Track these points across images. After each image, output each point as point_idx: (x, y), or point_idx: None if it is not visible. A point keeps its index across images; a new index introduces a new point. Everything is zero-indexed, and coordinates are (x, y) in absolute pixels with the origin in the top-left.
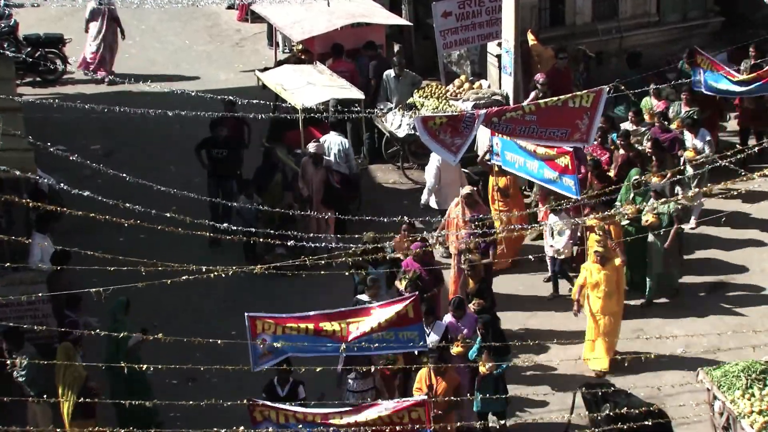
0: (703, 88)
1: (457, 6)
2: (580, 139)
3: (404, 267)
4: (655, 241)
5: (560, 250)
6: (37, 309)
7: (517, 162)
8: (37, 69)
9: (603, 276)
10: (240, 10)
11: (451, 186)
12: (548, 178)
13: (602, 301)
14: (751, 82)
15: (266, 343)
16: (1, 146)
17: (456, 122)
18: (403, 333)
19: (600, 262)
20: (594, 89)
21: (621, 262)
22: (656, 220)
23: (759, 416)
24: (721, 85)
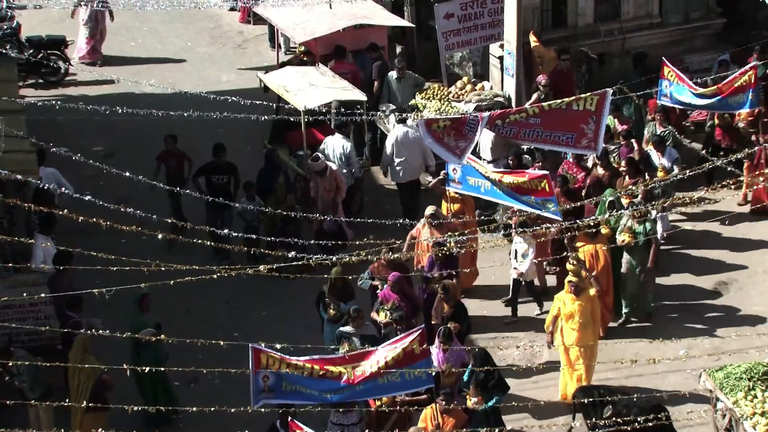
0: (669, 102)
1: (460, 7)
2: (588, 146)
3: (381, 297)
4: (630, 260)
5: (524, 273)
6: (39, 311)
7: (482, 186)
8: (40, 71)
9: (577, 307)
10: (242, 11)
11: (405, 163)
12: (524, 201)
13: (577, 332)
14: (712, 96)
15: (268, 380)
16: (4, 148)
17: (459, 125)
18: (409, 372)
19: (574, 293)
20: (598, 92)
21: (596, 292)
22: (632, 239)
23: (762, 418)
24: (684, 97)
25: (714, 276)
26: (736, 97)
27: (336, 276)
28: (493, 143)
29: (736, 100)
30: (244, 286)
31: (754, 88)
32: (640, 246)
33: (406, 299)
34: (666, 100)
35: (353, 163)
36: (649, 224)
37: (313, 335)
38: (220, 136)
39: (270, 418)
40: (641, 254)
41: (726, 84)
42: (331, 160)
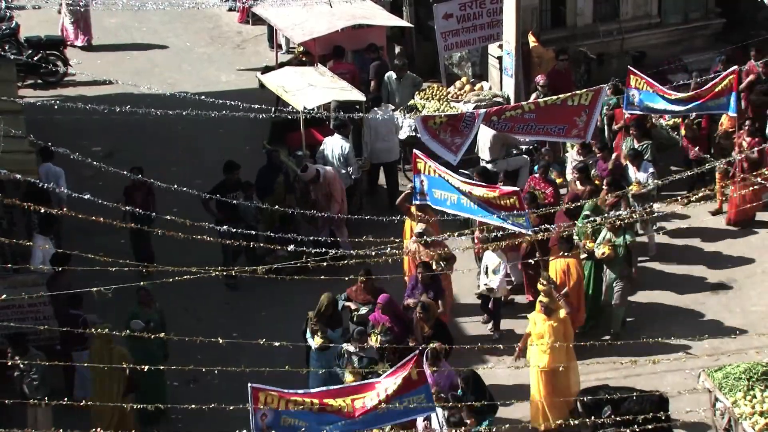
0: (638, 110)
1: (458, 8)
2: (578, 135)
3: (372, 321)
4: (610, 273)
5: (494, 289)
6: (38, 311)
7: (449, 199)
8: (39, 71)
9: (548, 327)
10: (241, 12)
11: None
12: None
13: (548, 355)
14: (690, 101)
15: (266, 418)
16: (3, 148)
17: (456, 121)
18: (409, 399)
19: (545, 313)
20: (593, 88)
21: (566, 314)
22: (612, 252)
23: (760, 417)
24: (657, 104)
25: (713, 276)
26: (718, 101)
27: (326, 302)
28: (492, 143)
29: (717, 103)
30: (244, 286)
31: (735, 92)
32: (620, 258)
33: (397, 321)
34: (633, 109)
35: (352, 163)
36: (629, 235)
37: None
38: (220, 136)
39: None
40: (621, 267)
41: (706, 89)
42: (330, 161)
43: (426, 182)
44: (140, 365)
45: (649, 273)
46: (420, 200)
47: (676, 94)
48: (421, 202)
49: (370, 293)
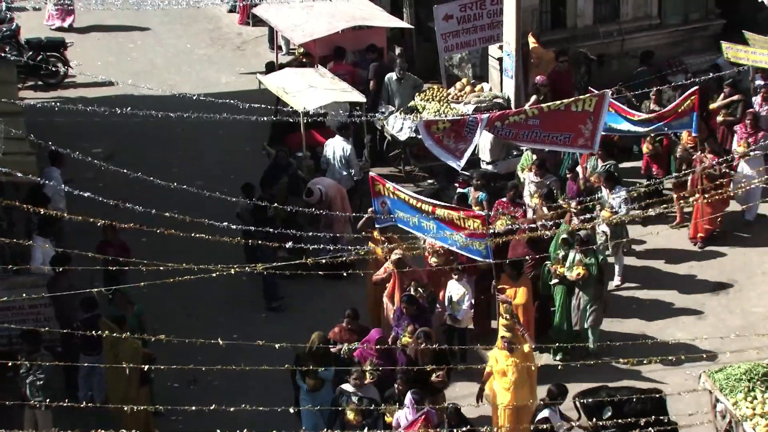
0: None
1: (459, 9)
2: (585, 145)
3: (358, 357)
4: (583, 295)
5: (459, 320)
6: (39, 312)
7: (410, 220)
8: (39, 73)
9: (511, 364)
10: (241, 13)
11: None
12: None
13: (510, 393)
14: (652, 122)
15: (386, 206)
16: (3, 149)
17: (459, 127)
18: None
19: (507, 349)
20: (597, 93)
21: (530, 349)
22: (586, 272)
23: (761, 419)
24: (621, 125)
25: (713, 277)
26: (680, 120)
27: (317, 341)
28: (492, 144)
29: (680, 122)
30: (244, 287)
31: (695, 112)
32: (593, 279)
33: (385, 356)
34: None
35: (353, 165)
36: (601, 255)
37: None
38: (220, 137)
39: (271, 418)
40: (594, 288)
41: (668, 110)
42: (332, 162)
43: (388, 203)
44: None
45: (649, 273)
46: (385, 222)
47: (639, 115)
48: (386, 224)
49: (355, 333)
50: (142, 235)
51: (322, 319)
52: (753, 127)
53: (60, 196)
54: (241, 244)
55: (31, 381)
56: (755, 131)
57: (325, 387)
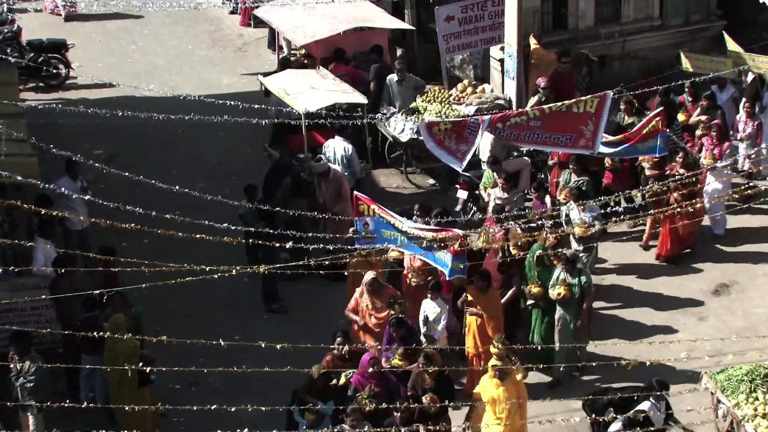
0: None
1: (460, 10)
2: (586, 146)
3: (355, 384)
4: (564, 315)
5: (435, 339)
6: (40, 314)
7: (399, 239)
8: (40, 74)
9: (502, 393)
10: (243, 15)
11: None
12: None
13: (503, 423)
14: (618, 144)
15: (368, 227)
16: (5, 151)
17: (461, 128)
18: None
19: (498, 377)
20: (598, 94)
21: (522, 377)
22: (567, 292)
23: (763, 420)
24: None
25: (715, 278)
26: (646, 143)
27: (317, 374)
28: (492, 144)
29: (646, 145)
30: (245, 288)
31: (662, 133)
32: (575, 299)
33: (382, 380)
34: None
35: (355, 164)
36: (584, 276)
37: (314, 339)
38: (221, 139)
39: (272, 419)
40: (576, 308)
41: (633, 132)
42: (333, 162)
43: (371, 223)
44: None
45: (650, 273)
46: (364, 243)
47: (605, 137)
48: (365, 246)
49: (348, 359)
50: (143, 237)
51: (323, 320)
52: (718, 139)
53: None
54: (242, 247)
55: (21, 384)
56: (720, 143)
57: (324, 421)
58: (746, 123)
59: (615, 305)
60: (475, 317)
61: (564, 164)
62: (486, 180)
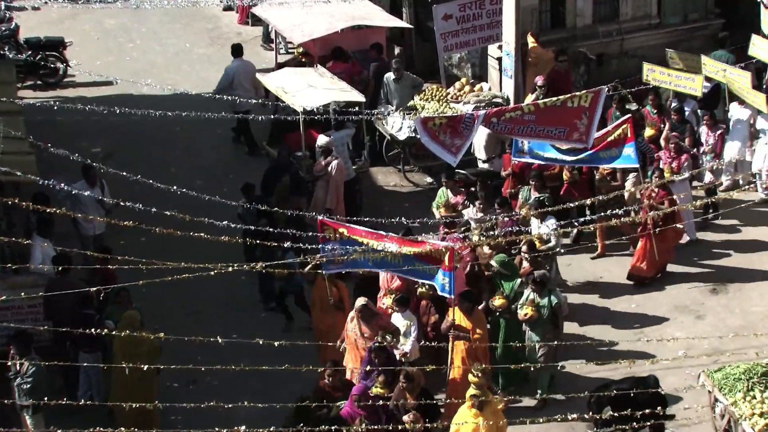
0: (527, 157)
1: (458, 9)
2: (579, 139)
3: (345, 417)
4: (531, 336)
5: (407, 353)
6: (38, 312)
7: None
8: (38, 72)
9: (482, 423)
10: (240, 12)
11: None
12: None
13: None
14: (580, 151)
15: (336, 250)
16: (3, 149)
17: (455, 123)
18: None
19: (477, 407)
20: (593, 89)
21: (503, 406)
22: (535, 313)
23: (760, 418)
24: (548, 153)
25: (713, 276)
26: (609, 151)
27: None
28: (487, 141)
29: (608, 154)
30: (243, 287)
31: (631, 142)
32: (544, 320)
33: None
34: (523, 156)
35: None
36: (554, 296)
37: (312, 337)
38: (218, 137)
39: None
40: (544, 329)
41: (598, 138)
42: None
43: (338, 249)
44: None
45: None
46: (333, 269)
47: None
48: (334, 271)
49: (339, 390)
50: (141, 235)
51: None
52: (676, 152)
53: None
54: (240, 245)
55: (18, 384)
56: (678, 155)
57: None
58: (708, 135)
59: (613, 303)
60: (462, 341)
61: (517, 175)
62: (439, 198)
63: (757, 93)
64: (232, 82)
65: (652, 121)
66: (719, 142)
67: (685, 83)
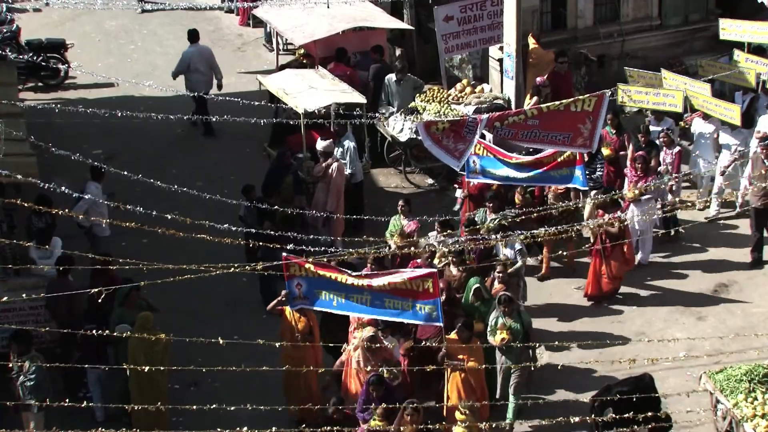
0: (482, 177)
1: (459, 10)
2: (584, 144)
3: None
4: (506, 360)
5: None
6: (39, 314)
7: (335, 299)
8: (39, 74)
9: None
10: (241, 14)
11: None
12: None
13: None
14: (531, 167)
15: (302, 288)
16: (4, 151)
17: (458, 127)
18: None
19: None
20: (596, 93)
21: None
22: (509, 336)
23: (762, 420)
24: (500, 170)
25: (714, 277)
26: (560, 171)
27: None
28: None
29: (560, 174)
30: (244, 289)
31: (580, 165)
32: (518, 342)
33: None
34: (476, 176)
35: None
36: (524, 316)
37: None
38: (220, 138)
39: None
40: (518, 353)
41: (547, 156)
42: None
43: (303, 285)
44: None
45: (649, 273)
46: (299, 305)
47: (518, 158)
48: (300, 306)
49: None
50: (143, 237)
51: None
52: (643, 171)
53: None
54: (241, 247)
55: (21, 382)
56: (645, 175)
57: None
58: (665, 153)
59: (613, 305)
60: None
61: (474, 197)
62: (392, 227)
63: (728, 104)
64: (188, 66)
65: (610, 141)
66: (676, 160)
67: (665, 100)
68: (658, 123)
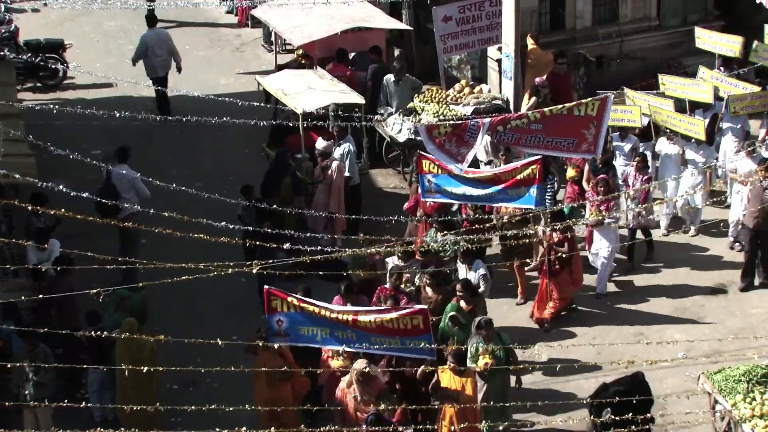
0: (439, 197)
1: (458, 10)
2: (588, 150)
3: None
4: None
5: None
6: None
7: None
8: (38, 74)
9: None
10: (240, 14)
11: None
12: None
13: None
14: (489, 184)
15: (283, 324)
16: (3, 152)
17: (461, 131)
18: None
19: None
20: (599, 97)
21: None
22: (492, 359)
23: (760, 420)
24: (456, 188)
25: (713, 278)
26: (518, 190)
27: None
28: (488, 143)
29: (517, 193)
30: (242, 289)
31: (537, 184)
32: (501, 365)
33: None
34: (432, 196)
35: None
36: (504, 337)
37: None
38: (219, 139)
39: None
40: (502, 377)
41: (506, 172)
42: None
43: (285, 321)
44: None
45: (649, 274)
46: (279, 341)
47: (475, 172)
48: (280, 342)
49: None
50: (141, 236)
51: None
52: (605, 194)
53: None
54: (240, 247)
55: (25, 380)
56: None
57: None
58: (635, 177)
59: (612, 305)
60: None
61: (431, 217)
62: (354, 260)
63: (692, 120)
64: (146, 50)
65: (575, 161)
66: (642, 195)
67: (623, 116)
68: (622, 140)
